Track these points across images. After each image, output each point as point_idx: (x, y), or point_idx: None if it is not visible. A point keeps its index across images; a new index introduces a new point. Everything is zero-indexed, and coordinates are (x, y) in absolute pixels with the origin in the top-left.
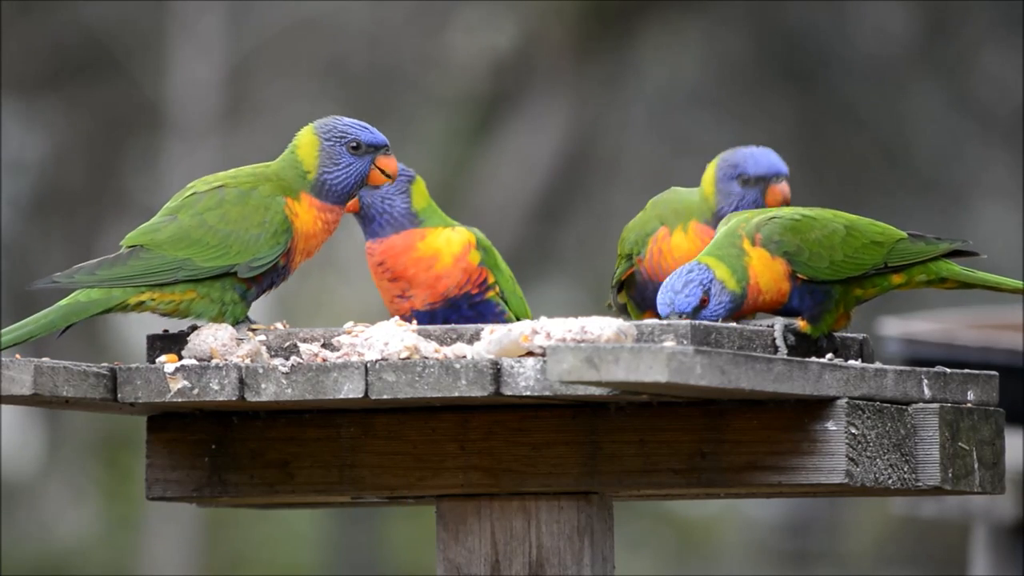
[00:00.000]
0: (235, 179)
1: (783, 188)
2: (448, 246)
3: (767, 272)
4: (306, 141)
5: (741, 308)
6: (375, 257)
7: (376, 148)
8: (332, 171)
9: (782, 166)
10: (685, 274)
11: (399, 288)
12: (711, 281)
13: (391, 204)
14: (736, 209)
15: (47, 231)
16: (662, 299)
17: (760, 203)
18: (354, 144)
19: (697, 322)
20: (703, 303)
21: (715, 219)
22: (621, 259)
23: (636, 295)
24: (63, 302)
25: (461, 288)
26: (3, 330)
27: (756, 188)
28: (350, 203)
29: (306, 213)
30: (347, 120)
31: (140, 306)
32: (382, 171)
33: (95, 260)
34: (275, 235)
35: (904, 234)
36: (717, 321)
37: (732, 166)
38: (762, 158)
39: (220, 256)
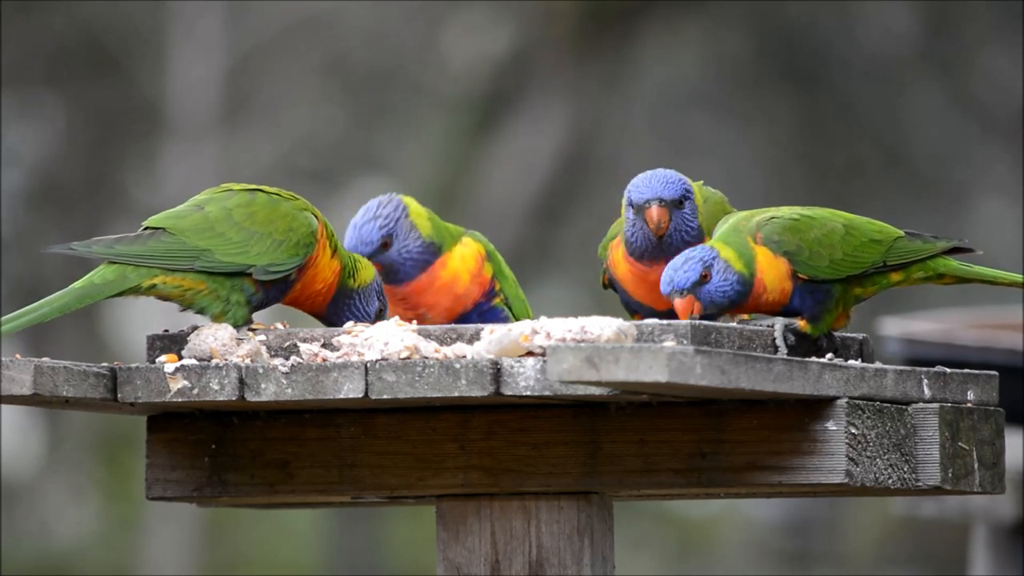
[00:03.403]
0: (277, 190)
1: (650, 214)
2: (464, 263)
3: (772, 270)
4: (365, 265)
5: (747, 296)
6: (396, 296)
7: (383, 313)
8: (359, 301)
9: (660, 190)
10: (686, 253)
11: (415, 314)
12: (714, 258)
13: (408, 250)
14: (631, 236)
15: (46, 229)
16: (664, 278)
17: (645, 229)
18: (381, 309)
19: (697, 322)
20: (704, 278)
21: (627, 245)
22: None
23: (621, 298)
24: (77, 284)
25: (476, 302)
26: (20, 311)
27: (639, 215)
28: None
29: (327, 267)
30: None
31: (152, 289)
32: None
33: (113, 236)
34: (297, 245)
35: (901, 232)
36: (724, 299)
37: (626, 192)
38: (643, 183)
39: (240, 254)
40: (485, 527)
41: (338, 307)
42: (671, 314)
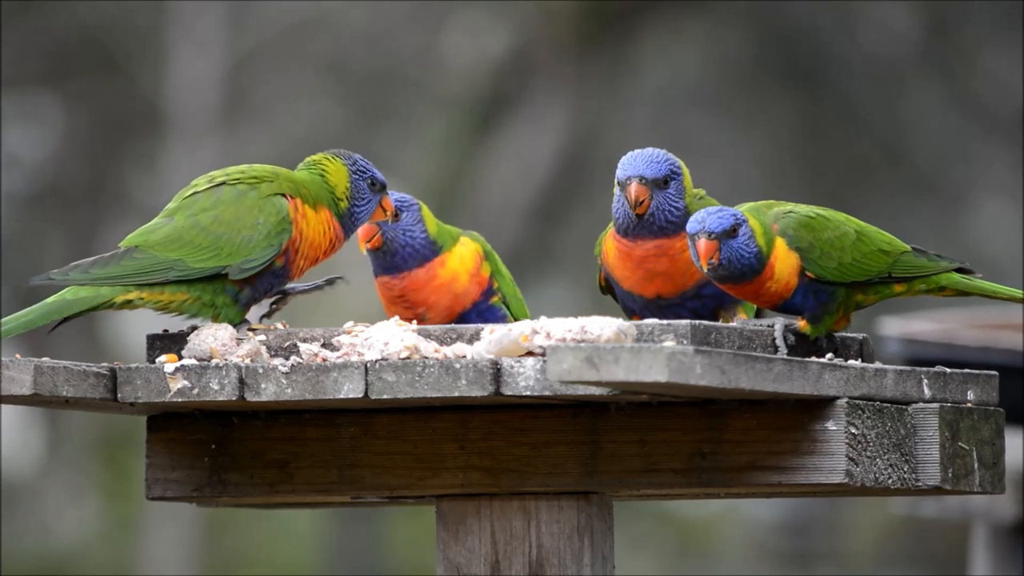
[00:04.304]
0: (241, 174)
1: (629, 191)
2: (462, 264)
3: (784, 260)
4: (335, 169)
5: (757, 275)
6: (394, 291)
7: (383, 187)
8: (359, 205)
9: (643, 168)
10: (720, 206)
11: (414, 314)
12: (745, 221)
13: (412, 236)
14: (616, 212)
15: (47, 229)
16: (694, 219)
17: (627, 205)
18: (371, 181)
19: (697, 322)
20: (733, 231)
21: (614, 221)
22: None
23: (617, 295)
24: (49, 299)
25: (475, 301)
26: None
27: (623, 191)
28: (373, 239)
29: (318, 223)
30: (359, 156)
31: (128, 304)
32: (383, 209)
33: (91, 258)
34: (268, 237)
35: (908, 247)
36: (740, 263)
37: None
38: (628, 161)
39: (211, 258)
40: (485, 527)
41: (350, 227)
42: (657, 303)
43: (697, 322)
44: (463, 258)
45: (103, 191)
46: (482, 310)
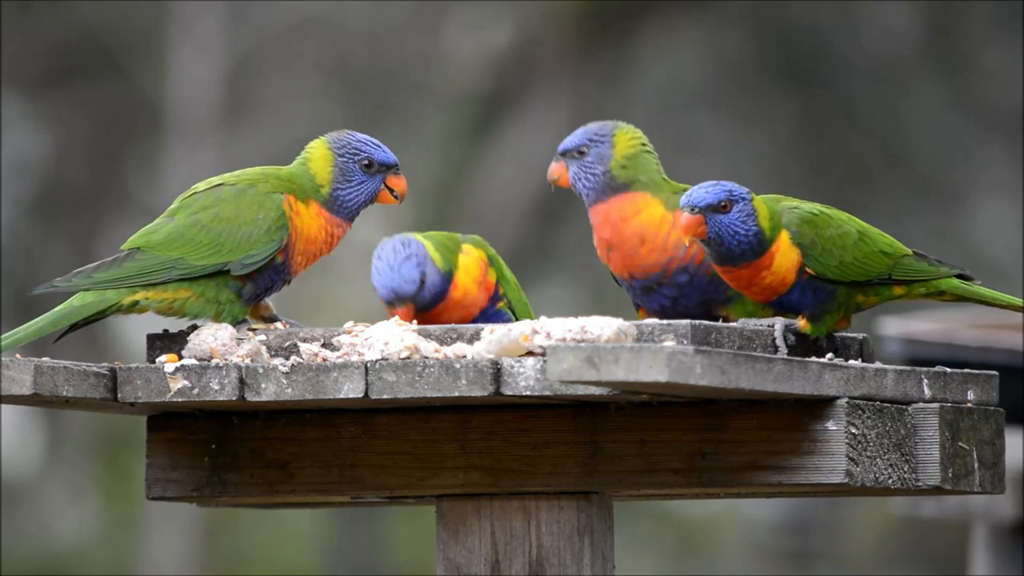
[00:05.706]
0: (237, 177)
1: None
2: (469, 275)
3: (785, 255)
4: (319, 155)
5: (754, 258)
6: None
7: (387, 167)
8: (345, 188)
9: (562, 145)
10: (716, 181)
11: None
12: (743, 198)
13: (435, 285)
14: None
15: (48, 230)
16: (687, 192)
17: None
18: (367, 162)
19: (697, 322)
20: (722, 207)
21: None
22: None
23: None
24: (57, 308)
25: (482, 308)
26: None
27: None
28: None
29: (311, 219)
30: (360, 136)
31: (135, 306)
32: (391, 190)
33: (94, 264)
34: (269, 232)
35: (910, 251)
36: (731, 241)
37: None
38: (570, 138)
39: (212, 254)
40: (485, 527)
41: (342, 212)
42: (632, 285)
43: (697, 322)
44: (468, 269)
45: (104, 192)
46: (489, 315)
